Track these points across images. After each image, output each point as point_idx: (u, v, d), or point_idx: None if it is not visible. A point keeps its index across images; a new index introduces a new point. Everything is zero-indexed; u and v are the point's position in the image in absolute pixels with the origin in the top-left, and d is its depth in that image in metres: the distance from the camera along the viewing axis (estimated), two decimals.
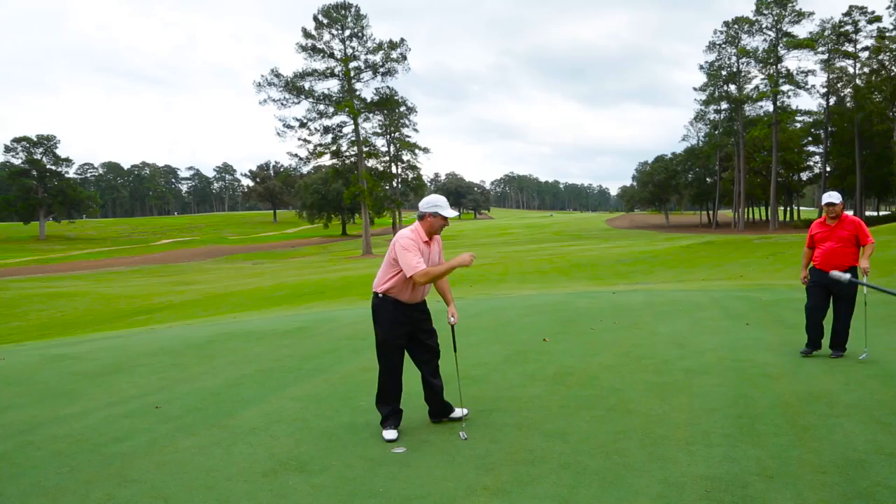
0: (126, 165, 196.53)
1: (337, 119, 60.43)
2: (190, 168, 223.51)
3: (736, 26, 68.35)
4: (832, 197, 6.59)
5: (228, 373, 7.13)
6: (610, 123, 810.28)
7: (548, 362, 6.94)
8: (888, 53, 59.04)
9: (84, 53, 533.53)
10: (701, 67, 74.16)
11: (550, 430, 4.72)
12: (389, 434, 4.68)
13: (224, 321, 14.27)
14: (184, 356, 8.25)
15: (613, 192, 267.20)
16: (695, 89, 78.03)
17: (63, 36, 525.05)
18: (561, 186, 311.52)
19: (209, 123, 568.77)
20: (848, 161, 68.54)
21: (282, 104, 58.49)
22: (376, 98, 61.69)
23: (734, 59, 70.36)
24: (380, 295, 4.88)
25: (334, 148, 61.41)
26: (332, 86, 59.75)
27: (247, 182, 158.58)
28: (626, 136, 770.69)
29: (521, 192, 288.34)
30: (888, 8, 58.60)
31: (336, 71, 58.04)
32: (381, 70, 59.48)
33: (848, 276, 5.53)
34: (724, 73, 71.42)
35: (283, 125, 60.26)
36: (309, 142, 60.88)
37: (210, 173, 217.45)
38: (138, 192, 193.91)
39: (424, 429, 4.88)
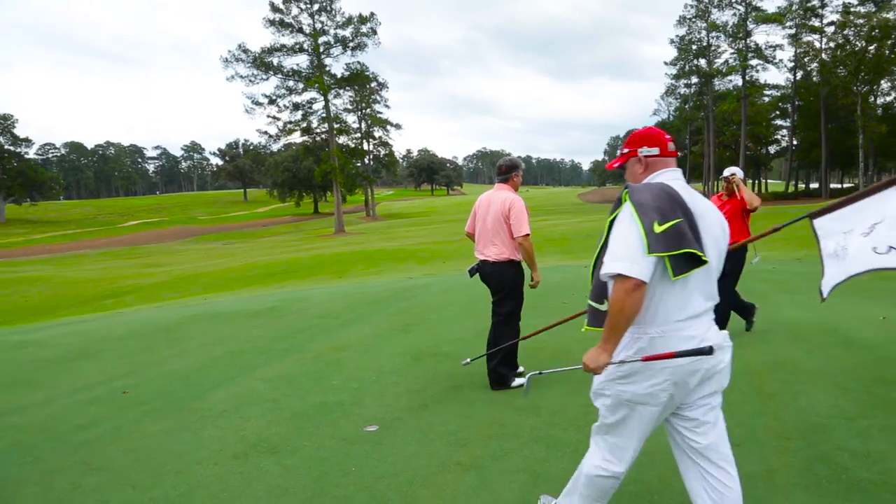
0: (90, 145, 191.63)
1: (307, 95, 59.39)
2: (157, 147, 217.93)
3: (706, 0, 68.51)
4: (730, 170, 6.42)
5: (198, 355, 7.04)
6: (581, 98, 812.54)
7: None
8: (853, 28, 59.74)
9: (36, 28, 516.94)
10: (671, 41, 74.29)
11: (522, 405, 4.75)
12: (521, 380, 5.13)
13: (194, 303, 14.08)
14: (152, 339, 8.12)
15: (585, 166, 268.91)
16: (665, 63, 78.22)
17: (13, 10, 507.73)
18: (533, 161, 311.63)
19: (174, 101, 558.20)
20: (814, 134, 69.50)
21: (250, 81, 57.23)
22: (347, 73, 60.72)
23: (704, 33, 70.47)
24: (515, 261, 5.20)
25: (304, 125, 60.47)
26: (302, 61, 58.64)
27: (216, 161, 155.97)
28: (596, 110, 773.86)
29: (493, 167, 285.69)
30: None
31: (305, 46, 56.91)
32: (351, 45, 58.42)
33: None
34: (694, 47, 71.59)
35: (252, 102, 59.00)
36: (278, 119, 59.80)
37: (177, 152, 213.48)
38: (103, 173, 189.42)
39: (396, 406, 4.87)
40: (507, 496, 3.34)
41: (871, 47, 59.17)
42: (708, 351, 2.28)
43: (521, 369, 5.49)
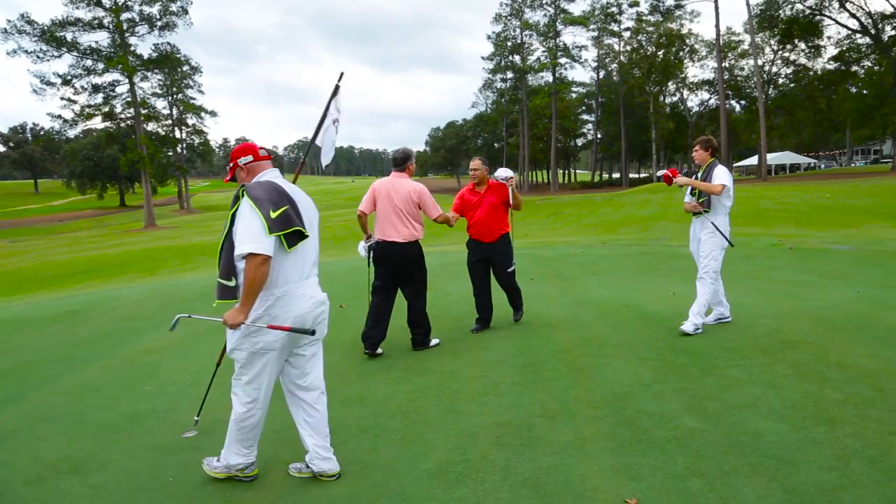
0: None
1: (109, 77, 53.89)
2: None
3: (520, 0, 72.22)
4: (476, 161, 6.37)
5: None
6: (403, 89, 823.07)
7: (344, 328, 6.90)
8: (645, 35, 66.46)
9: None
10: (488, 38, 77.47)
11: (348, 396, 4.70)
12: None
13: None
14: None
15: None
16: (483, 58, 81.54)
17: None
18: (356, 152, 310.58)
19: None
20: (615, 129, 76.41)
21: (38, 57, 50.75)
22: (155, 55, 56.10)
23: (519, 31, 74.35)
24: (420, 241, 5.88)
25: (106, 109, 55.01)
26: (102, 39, 53.00)
27: None
28: (418, 101, 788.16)
29: (315, 157, 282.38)
30: None
31: (106, 22, 51.65)
32: (159, 24, 54.04)
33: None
34: (509, 44, 75.26)
35: (42, 82, 52.41)
36: (75, 101, 53.73)
37: None
38: None
39: (217, 409, 4.61)
40: (337, 489, 3.29)
41: (660, 52, 66.14)
42: (311, 332, 3.16)
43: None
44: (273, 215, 3.02)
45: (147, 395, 5.02)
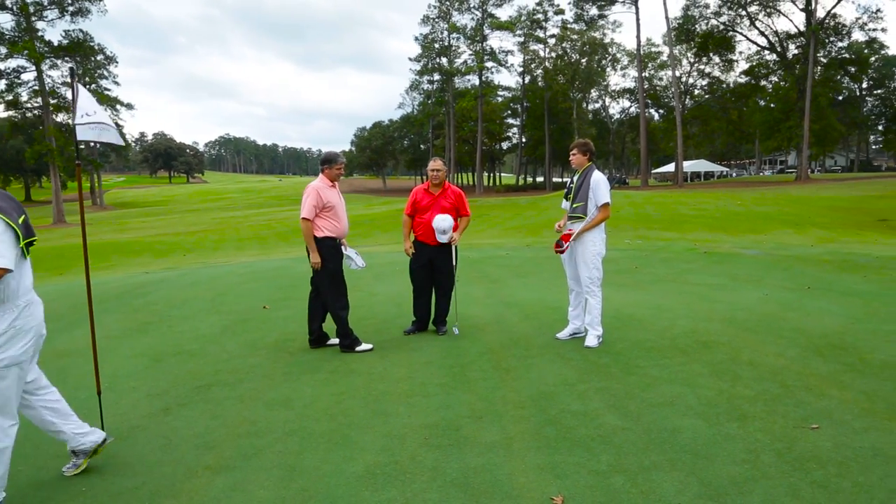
0: None
1: (13, 62, 50.72)
2: None
3: (448, 3, 72.62)
4: (437, 162, 6.26)
5: None
6: (327, 87, 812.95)
7: (269, 330, 6.75)
8: (569, 42, 68.18)
9: None
10: (416, 39, 77.89)
11: (274, 399, 4.59)
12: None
13: None
14: None
15: None
16: (410, 59, 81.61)
17: None
18: (280, 150, 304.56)
19: None
20: (540, 133, 77.92)
21: None
22: (66, 42, 53.25)
23: (446, 33, 74.82)
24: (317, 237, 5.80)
25: (10, 97, 51.77)
26: (5, 22, 49.96)
27: None
28: (344, 100, 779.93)
29: (238, 155, 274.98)
30: (569, 3, 67.30)
31: (9, 3, 48.54)
32: (71, 8, 51.29)
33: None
34: (436, 46, 75.59)
35: None
36: None
37: None
38: None
39: (135, 414, 4.41)
40: (262, 494, 3.20)
41: (584, 60, 67.99)
42: None
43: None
44: (20, 222, 3.02)
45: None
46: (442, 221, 6.12)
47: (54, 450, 3.79)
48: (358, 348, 5.82)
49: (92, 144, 67.80)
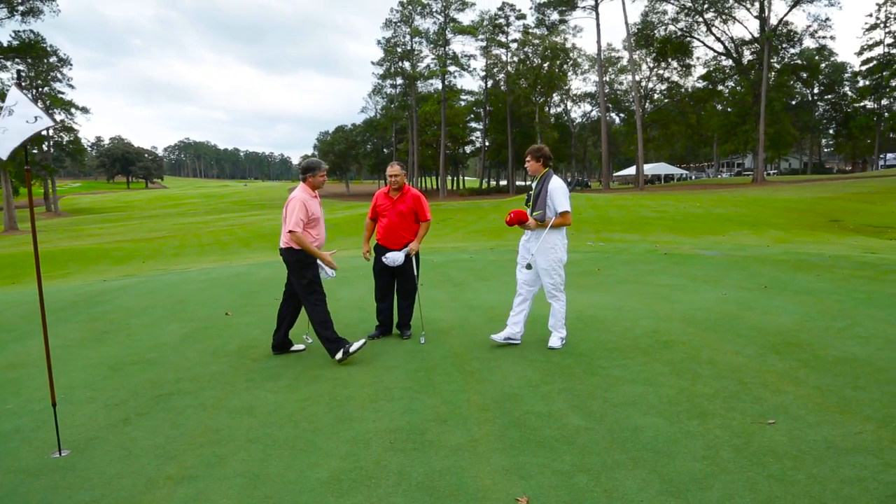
0: None
1: None
2: None
3: (410, 7, 72.61)
4: (395, 167, 6.20)
5: None
6: (289, 91, 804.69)
7: (231, 336, 6.65)
8: (531, 47, 68.83)
9: None
10: (378, 43, 77.50)
11: (237, 406, 4.52)
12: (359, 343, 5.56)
13: None
14: None
15: (295, 160, 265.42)
16: (372, 63, 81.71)
17: None
18: (241, 154, 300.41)
19: None
20: (503, 137, 78.45)
21: None
22: (16, 43, 51.76)
23: (409, 37, 74.82)
24: (293, 249, 5.73)
25: None
26: None
27: None
28: (305, 104, 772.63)
29: (198, 159, 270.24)
30: (531, 8, 68.00)
31: None
32: (21, 8, 49.70)
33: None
34: (399, 49, 75.54)
35: None
36: None
37: None
38: None
39: (92, 425, 4.30)
40: (226, 503, 3.15)
41: (546, 65, 68.66)
42: None
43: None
44: None
45: (8, 413, 4.61)
46: (392, 255, 6.25)
47: (5, 465, 3.68)
48: (351, 349, 5.49)
49: (45, 149, 66.06)
